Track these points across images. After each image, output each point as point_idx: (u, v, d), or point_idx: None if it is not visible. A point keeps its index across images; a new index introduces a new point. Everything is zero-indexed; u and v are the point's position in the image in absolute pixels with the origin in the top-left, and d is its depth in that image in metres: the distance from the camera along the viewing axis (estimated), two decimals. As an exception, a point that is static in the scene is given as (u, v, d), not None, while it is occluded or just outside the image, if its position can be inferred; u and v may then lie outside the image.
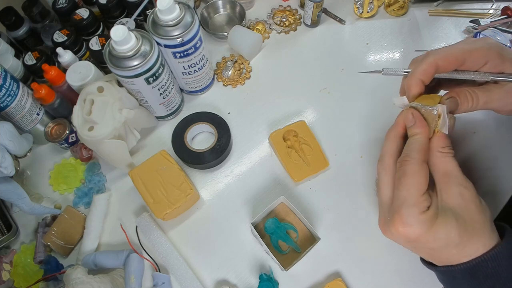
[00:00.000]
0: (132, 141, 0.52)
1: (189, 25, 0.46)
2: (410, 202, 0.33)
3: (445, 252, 0.34)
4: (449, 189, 0.34)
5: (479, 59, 0.36)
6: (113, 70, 0.45)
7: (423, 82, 0.38)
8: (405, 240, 0.35)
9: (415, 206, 0.33)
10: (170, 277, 0.46)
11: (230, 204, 0.51)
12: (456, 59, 0.37)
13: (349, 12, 0.66)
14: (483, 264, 0.32)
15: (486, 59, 0.36)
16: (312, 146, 0.51)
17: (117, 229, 0.49)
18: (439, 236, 0.33)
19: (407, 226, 0.33)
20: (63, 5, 0.59)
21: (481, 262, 0.32)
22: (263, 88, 0.60)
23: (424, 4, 0.65)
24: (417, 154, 0.35)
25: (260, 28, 0.65)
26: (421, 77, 0.37)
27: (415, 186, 0.34)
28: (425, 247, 0.35)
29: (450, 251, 0.33)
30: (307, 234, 0.47)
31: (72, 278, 0.41)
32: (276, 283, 0.45)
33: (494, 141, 0.51)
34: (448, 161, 0.35)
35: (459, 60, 0.37)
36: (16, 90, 0.50)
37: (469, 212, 0.33)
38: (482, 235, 0.33)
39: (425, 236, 0.33)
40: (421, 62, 0.37)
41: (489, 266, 0.32)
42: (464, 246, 0.33)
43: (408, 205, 0.33)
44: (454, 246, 0.33)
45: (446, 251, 0.34)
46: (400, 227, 0.33)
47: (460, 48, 0.37)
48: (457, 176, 0.34)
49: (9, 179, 0.48)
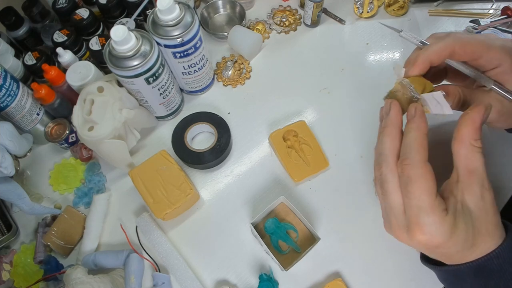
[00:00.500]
0: (132, 141, 0.52)
1: (189, 25, 0.46)
2: (426, 210, 0.31)
3: (460, 254, 0.33)
4: (471, 189, 0.32)
5: (494, 60, 0.35)
6: (113, 70, 0.45)
7: (432, 63, 0.36)
8: (425, 247, 0.33)
9: (434, 214, 0.31)
10: (170, 277, 0.46)
11: (230, 204, 0.51)
12: (473, 51, 0.35)
13: (349, 12, 0.66)
14: (489, 261, 0.32)
15: (500, 62, 0.35)
16: (312, 146, 0.51)
17: (117, 229, 0.49)
18: (458, 241, 0.32)
19: (428, 235, 0.31)
20: (63, 5, 0.59)
21: (487, 260, 0.32)
22: (263, 88, 0.60)
23: (424, 4, 0.65)
24: (418, 154, 0.32)
25: (260, 28, 0.65)
26: (433, 57, 0.36)
27: (426, 192, 0.31)
28: (443, 252, 0.34)
29: (464, 253, 0.33)
30: (307, 234, 0.47)
31: (72, 278, 0.41)
32: (276, 283, 0.45)
33: (494, 141, 0.51)
34: (477, 157, 0.32)
35: (476, 53, 0.35)
36: (16, 90, 0.50)
37: (487, 215, 0.32)
38: (495, 234, 0.33)
39: (447, 243, 0.32)
40: (439, 41, 0.36)
41: (495, 263, 0.32)
42: (477, 247, 0.32)
43: (425, 214, 0.31)
44: (469, 248, 0.32)
45: (462, 253, 0.33)
46: (421, 237, 0.32)
47: (481, 41, 0.35)
48: (481, 175, 0.32)
49: (9, 179, 0.48)
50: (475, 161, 0.32)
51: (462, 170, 0.32)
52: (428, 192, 0.31)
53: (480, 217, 0.32)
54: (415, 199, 0.32)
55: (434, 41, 0.37)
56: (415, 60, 0.37)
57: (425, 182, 0.31)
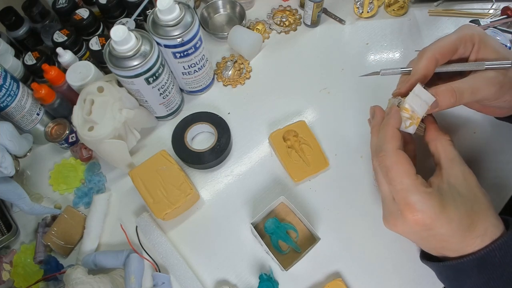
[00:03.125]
0: (132, 141, 0.52)
1: (189, 25, 0.46)
2: (410, 189, 0.34)
3: (459, 236, 0.33)
4: (454, 172, 0.36)
5: (468, 43, 0.39)
6: (113, 70, 0.45)
7: (426, 78, 0.39)
8: (421, 228, 0.34)
9: (419, 192, 0.34)
10: (170, 277, 0.46)
11: (230, 204, 0.51)
12: (450, 49, 0.39)
13: (349, 12, 0.66)
14: (491, 253, 0.32)
15: (473, 43, 0.38)
16: (312, 146, 0.51)
17: (117, 229, 0.49)
18: (451, 217, 0.33)
19: (420, 212, 0.33)
20: (63, 5, 0.59)
21: (489, 251, 0.32)
22: (263, 88, 0.60)
23: (424, 4, 0.65)
24: (389, 144, 0.36)
25: (260, 28, 0.65)
26: (425, 73, 0.39)
27: (404, 175, 0.35)
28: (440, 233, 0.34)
29: (464, 235, 0.33)
30: (307, 234, 0.47)
31: (72, 278, 0.41)
32: (276, 283, 0.45)
33: (494, 141, 0.51)
34: (452, 148, 0.38)
35: (453, 50, 0.39)
36: (16, 90, 0.50)
37: (474, 194, 0.34)
38: (490, 214, 0.34)
39: (439, 219, 0.33)
40: (421, 58, 0.39)
41: (497, 256, 0.32)
42: (475, 226, 0.33)
43: (410, 193, 0.34)
44: (467, 228, 0.33)
45: (461, 235, 0.33)
46: (413, 215, 0.34)
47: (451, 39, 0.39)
48: (460, 162, 0.37)
49: (9, 179, 0.48)
50: (452, 151, 0.38)
51: (443, 159, 0.37)
52: (406, 174, 0.35)
53: (469, 196, 0.34)
54: (397, 184, 0.35)
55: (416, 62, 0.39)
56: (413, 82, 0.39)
57: (401, 166, 0.35)
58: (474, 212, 0.34)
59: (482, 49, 0.38)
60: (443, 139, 0.38)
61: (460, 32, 0.39)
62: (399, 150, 0.36)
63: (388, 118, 0.38)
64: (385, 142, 0.36)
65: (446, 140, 0.38)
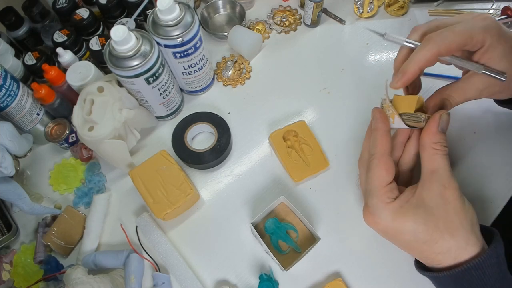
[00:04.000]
0: (132, 141, 0.52)
1: (189, 25, 0.46)
2: (373, 193, 0.36)
3: (415, 246, 0.35)
4: (429, 187, 0.35)
5: (478, 44, 0.36)
6: (113, 70, 0.45)
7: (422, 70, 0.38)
8: (375, 228, 0.37)
9: (377, 197, 0.36)
10: (170, 277, 0.46)
11: (230, 204, 0.51)
12: (458, 46, 0.36)
13: (349, 12, 0.66)
14: (467, 272, 0.33)
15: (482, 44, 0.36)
16: (312, 146, 0.51)
17: (117, 229, 0.49)
18: (406, 229, 0.34)
19: (373, 216, 0.36)
20: (63, 5, 0.59)
21: (464, 270, 0.33)
22: (263, 88, 0.60)
23: (424, 4, 0.65)
24: (375, 148, 0.38)
25: (260, 28, 0.65)
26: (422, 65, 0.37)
27: (377, 179, 0.36)
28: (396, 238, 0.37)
29: (420, 246, 0.35)
30: (307, 234, 0.47)
31: (72, 278, 0.41)
32: (276, 283, 0.45)
33: (494, 141, 0.51)
34: (436, 158, 0.35)
35: (461, 46, 0.36)
36: (16, 90, 0.50)
37: (445, 212, 0.34)
38: (456, 235, 0.33)
39: (392, 227, 0.35)
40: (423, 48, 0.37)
41: (473, 275, 0.32)
42: (434, 243, 0.34)
43: (372, 196, 0.36)
44: (423, 243, 0.34)
45: (417, 246, 0.35)
46: (367, 216, 0.37)
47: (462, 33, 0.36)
48: (442, 175, 0.35)
49: (9, 179, 0.48)
50: (436, 163, 0.35)
51: (424, 170, 0.36)
52: (379, 180, 0.36)
53: (438, 214, 0.34)
54: (369, 184, 0.37)
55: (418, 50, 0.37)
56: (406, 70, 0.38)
57: (378, 171, 0.37)
58: (437, 229, 0.33)
59: (490, 51, 0.36)
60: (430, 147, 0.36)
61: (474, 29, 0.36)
62: (386, 155, 0.37)
63: (376, 123, 0.39)
64: (374, 146, 0.38)
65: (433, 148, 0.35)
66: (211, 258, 0.48)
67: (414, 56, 0.37)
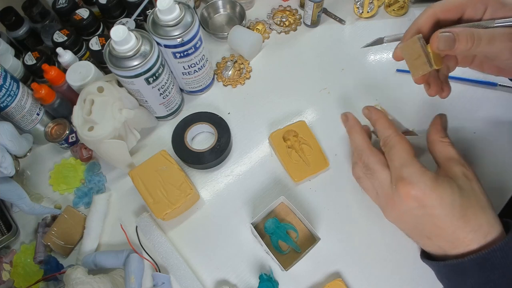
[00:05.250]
0: (132, 141, 0.52)
1: (189, 25, 0.46)
2: (407, 163, 0.36)
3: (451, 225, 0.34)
4: (452, 169, 0.36)
5: (479, 5, 0.34)
6: (113, 70, 0.45)
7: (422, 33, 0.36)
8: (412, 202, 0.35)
9: (413, 165, 0.36)
10: (170, 277, 0.46)
11: (230, 204, 0.51)
12: (456, 8, 0.35)
13: (349, 12, 0.66)
14: (493, 254, 0.32)
15: (486, 5, 0.34)
16: (312, 146, 0.51)
17: (117, 229, 0.49)
18: (444, 199, 0.33)
19: (411, 184, 0.34)
20: (63, 5, 0.59)
21: (490, 252, 0.32)
22: (263, 88, 0.60)
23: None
24: (389, 130, 0.40)
25: (260, 28, 0.65)
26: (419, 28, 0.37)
27: (404, 151, 0.37)
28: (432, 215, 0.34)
29: (455, 222, 0.33)
30: (307, 234, 0.47)
31: (72, 278, 0.41)
32: (276, 283, 0.45)
33: (494, 141, 0.51)
34: (449, 148, 0.38)
35: (459, 10, 0.35)
36: (16, 90, 0.50)
37: (472, 189, 0.34)
38: (488, 213, 0.34)
39: (431, 196, 0.34)
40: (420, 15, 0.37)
41: (498, 256, 0.32)
42: (469, 220, 0.33)
43: (406, 167, 0.36)
44: (461, 217, 0.33)
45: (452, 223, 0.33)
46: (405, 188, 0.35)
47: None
48: (459, 159, 0.37)
49: (9, 179, 0.48)
50: (450, 151, 0.38)
51: (441, 159, 0.38)
52: (406, 151, 0.37)
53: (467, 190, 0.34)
54: (397, 160, 0.37)
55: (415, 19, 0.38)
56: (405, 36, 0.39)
57: (403, 145, 0.38)
58: (469, 204, 0.34)
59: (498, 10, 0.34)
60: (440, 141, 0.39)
61: None
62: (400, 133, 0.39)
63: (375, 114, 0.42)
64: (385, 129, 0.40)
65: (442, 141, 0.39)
66: (211, 258, 0.48)
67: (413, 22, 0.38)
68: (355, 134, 0.44)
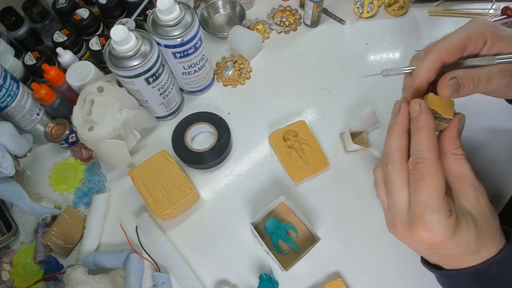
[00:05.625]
0: (132, 141, 0.52)
1: (189, 25, 0.46)
2: (434, 207, 0.31)
3: (461, 258, 0.33)
4: (465, 193, 0.33)
5: (478, 41, 0.34)
6: (113, 70, 0.45)
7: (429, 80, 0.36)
8: (426, 245, 0.33)
9: (440, 212, 0.31)
10: (170, 277, 0.46)
11: (230, 204, 0.51)
12: (458, 48, 0.34)
13: (349, 12, 0.66)
14: (488, 268, 0.32)
15: (485, 40, 0.35)
16: (312, 146, 0.51)
17: (117, 229, 0.49)
18: (460, 242, 0.32)
19: (431, 232, 0.31)
20: (63, 5, 0.59)
21: (486, 266, 0.32)
22: (263, 88, 0.60)
23: (424, 4, 0.65)
24: (430, 153, 0.32)
25: (260, 28, 0.65)
26: (427, 75, 0.35)
27: (436, 190, 0.31)
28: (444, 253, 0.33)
29: (466, 257, 0.33)
30: (307, 234, 0.47)
31: (72, 278, 0.41)
32: (276, 283, 0.45)
33: (494, 142, 0.51)
34: (461, 164, 0.34)
35: (461, 48, 0.35)
36: (16, 90, 0.50)
37: (485, 217, 0.33)
38: (495, 239, 0.33)
39: (449, 242, 0.31)
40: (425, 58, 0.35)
41: (494, 270, 0.32)
42: (479, 252, 0.32)
43: (432, 211, 0.31)
44: (471, 252, 0.32)
45: (463, 257, 0.33)
46: (423, 233, 0.32)
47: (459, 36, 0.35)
48: (471, 179, 0.33)
49: (9, 179, 0.48)
50: (461, 167, 0.34)
51: (452, 177, 0.34)
52: (438, 190, 0.31)
53: (480, 220, 0.32)
54: (424, 196, 0.32)
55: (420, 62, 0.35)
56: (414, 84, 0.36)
57: (437, 179, 0.32)
58: (482, 237, 0.32)
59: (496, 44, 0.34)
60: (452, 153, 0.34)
61: (469, 28, 0.34)
62: (439, 161, 0.32)
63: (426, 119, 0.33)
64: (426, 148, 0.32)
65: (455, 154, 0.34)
66: (211, 258, 0.48)
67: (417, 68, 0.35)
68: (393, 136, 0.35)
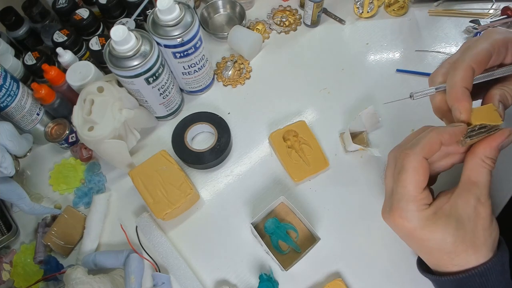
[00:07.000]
0: (132, 141, 0.52)
1: (189, 25, 0.46)
2: (408, 198, 0.34)
3: (436, 255, 0.35)
4: (466, 198, 0.33)
5: (502, 48, 0.35)
6: (113, 70, 0.45)
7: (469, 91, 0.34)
8: (400, 231, 0.36)
9: (412, 202, 0.33)
10: (170, 277, 0.46)
11: (230, 204, 0.51)
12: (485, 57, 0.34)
13: (349, 12, 0.66)
14: (470, 279, 0.32)
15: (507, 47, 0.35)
16: (312, 146, 0.51)
17: (117, 229, 0.49)
18: (434, 237, 0.33)
19: (402, 220, 0.34)
20: (63, 5, 0.59)
21: (468, 276, 0.32)
22: (263, 88, 0.60)
23: (424, 4, 0.65)
24: (421, 150, 0.33)
25: (260, 28, 0.65)
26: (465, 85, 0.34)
27: (413, 184, 0.33)
28: (418, 244, 0.35)
29: (441, 256, 0.34)
30: (307, 234, 0.47)
31: (72, 278, 0.41)
32: (276, 283, 0.45)
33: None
34: (482, 171, 0.33)
35: (488, 57, 0.34)
36: (16, 90, 0.50)
37: (475, 227, 0.33)
38: (479, 251, 0.33)
39: (420, 232, 0.33)
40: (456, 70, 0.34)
41: (477, 281, 0.32)
42: (456, 256, 0.33)
43: (406, 201, 0.34)
44: (446, 253, 0.33)
45: (438, 254, 0.34)
46: (398, 219, 0.34)
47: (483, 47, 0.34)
48: (481, 189, 0.33)
49: (9, 179, 0.48)
50: (479, 175, 0.33)
51: (464, 178, 0.34)
52: (415, 186, 0.33)
53: (468, 226, 0.33)
54: (401, 188, 0.34)
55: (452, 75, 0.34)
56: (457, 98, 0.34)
57: (416, 175, 0.33)
58: (462, 242, 0.33)
59: None
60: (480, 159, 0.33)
61: (491, 38, 0.35)
62: (425, 160, 0.33)
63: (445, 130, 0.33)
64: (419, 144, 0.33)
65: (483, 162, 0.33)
66: (211, 258, 0.48)
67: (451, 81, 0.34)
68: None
